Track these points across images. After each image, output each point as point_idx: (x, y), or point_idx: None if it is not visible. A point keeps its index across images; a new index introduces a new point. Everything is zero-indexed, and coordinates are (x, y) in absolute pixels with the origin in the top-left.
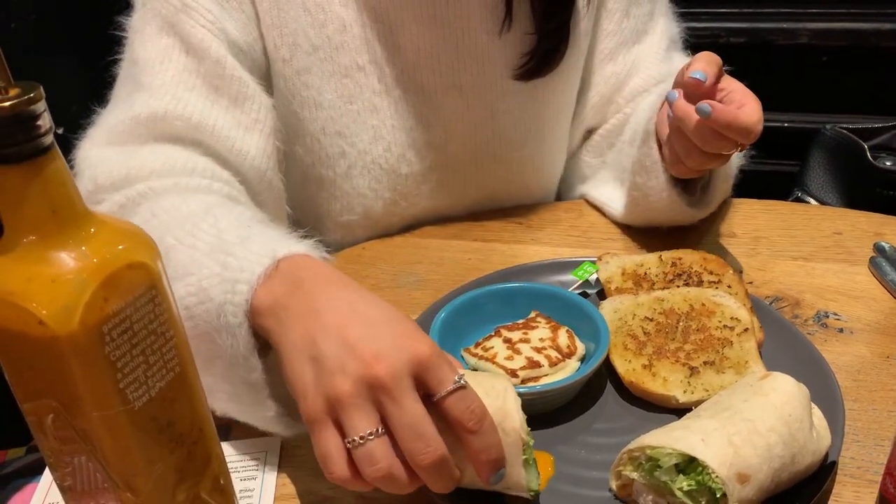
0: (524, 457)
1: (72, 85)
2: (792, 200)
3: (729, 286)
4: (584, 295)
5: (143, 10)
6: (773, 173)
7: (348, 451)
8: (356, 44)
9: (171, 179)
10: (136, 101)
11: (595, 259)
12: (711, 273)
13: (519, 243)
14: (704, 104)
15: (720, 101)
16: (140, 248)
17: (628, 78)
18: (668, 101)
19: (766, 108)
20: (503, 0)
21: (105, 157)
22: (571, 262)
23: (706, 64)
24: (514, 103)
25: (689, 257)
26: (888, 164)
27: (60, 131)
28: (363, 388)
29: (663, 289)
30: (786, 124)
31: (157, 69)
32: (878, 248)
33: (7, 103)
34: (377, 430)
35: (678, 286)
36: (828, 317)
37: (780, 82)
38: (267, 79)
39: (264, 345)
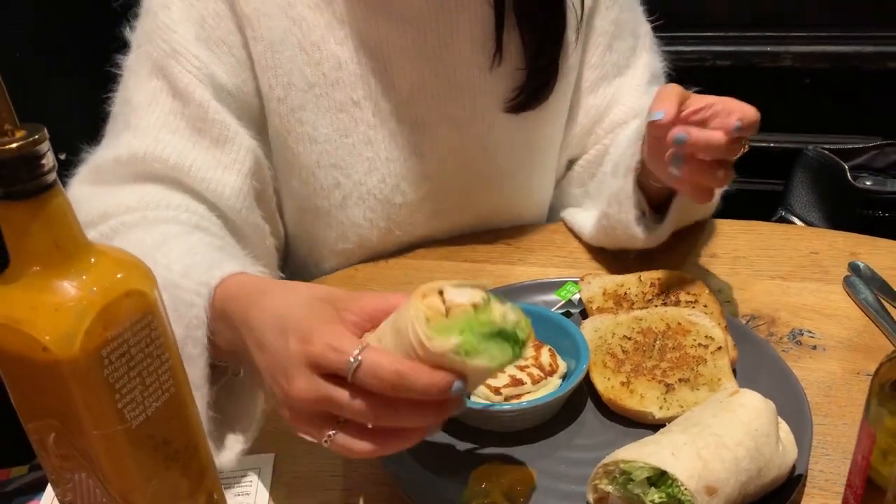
0: (461, 340)
1: (73, 106)
2: (776, 220)
3: (705, 305)
4: (568, 314)
5: (138, 52)
6: (759, 192)
7: None
8: (351, 80)
9: (141, 213)
10: (122, 141)
11: (578, 280)
12: (689, 293)
13: (508, 264)
14: (679, 133)
15: (707, 120)
16: (137, 276)
17: (608, 110)
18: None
19: None
20: (493, 36)
21: (87, 195)
22: (555, 283)
23: (661, 101)
24: (505, 134)
25: (668, 278)
26: (868, 183)
27: (63, 157)
28: (298, 409)
29: (642, 308)
30: (771, 144)
31: (144, 111)
32: (853, 268)
33: (14, 145)
34: (330, 434)
35: (656, 306)
36: (802, 334)
37: (764, 104)
38: (260, 118)
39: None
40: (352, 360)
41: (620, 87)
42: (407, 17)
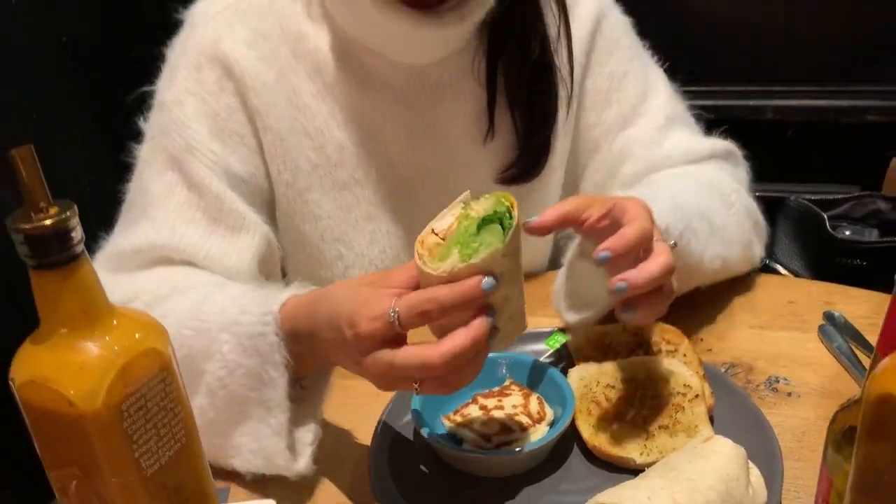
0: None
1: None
2: (761, 267)
3: (684, 355)
4: (557, 361)
5: (153, 143)
6: None
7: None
8: (353, 161)
9: (170, 284)
10: (139, 230)
11: (565, 329)
12: (669, 342)
13: None
14: (619, 283)
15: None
16: (154, 335)
17: (619, 165)
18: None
19: None
20: (486, 114)
21: (109, 282)
22: (544, 333)
23: (611, 241)
24: None
25: (650, 327)
26: (847, 233)
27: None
28: (381, 380)
29: (625, 357)
30: (757, 193)
31: (161, 202)
32: (828, 317)
33: (48, 221)
34: (416, 386)
35: (639, 355)
36: (778, 382)
37: (749, 155)
38: (270, 200)
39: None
40: (391, 313)
41: (629, 141)
42: (403, 100)
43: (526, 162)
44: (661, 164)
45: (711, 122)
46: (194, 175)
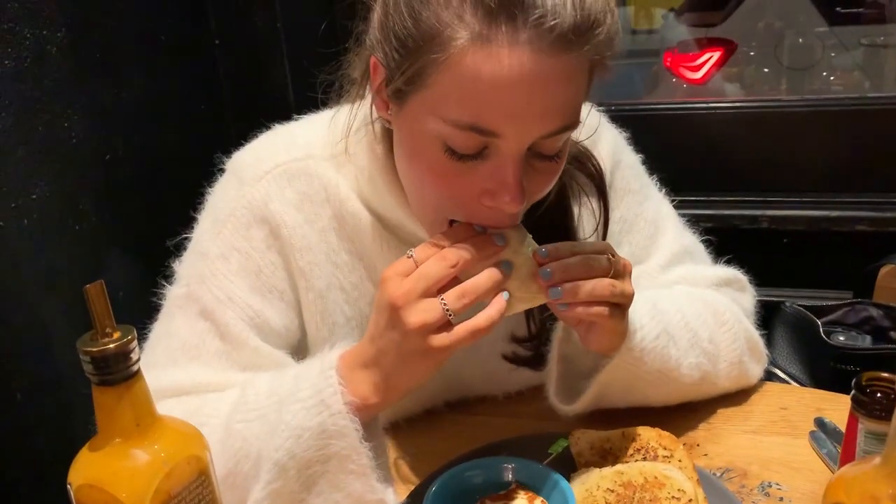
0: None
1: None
2: None
3: (679, 460)
4: (560, 466)
5: (188, 290)
6: None
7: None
8: None
9: (196, 401)
10: (167, 374)
11: (567, 435)
12: (665, 448)
13: (506, 416)
14: (556, 289)
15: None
16: (194, 443)
17: None
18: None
19: None
20: None
21: None
22: (548, 437)
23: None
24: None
25: (647, 433)
26: (841, 339)
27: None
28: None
29: (625, 462)
30: (755, 297)
31: (191, 351)
32: (818, 423)
33: (112, 345)
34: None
35: (637, 460)
36: (770, 486)
37: (746, 261)
38: (303, 350)
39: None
40: (408, 251)
41: (635, 274)
42: None
43: (538, 352)
44: (664, 288)
45: (708, 230)
46: (230, 327)
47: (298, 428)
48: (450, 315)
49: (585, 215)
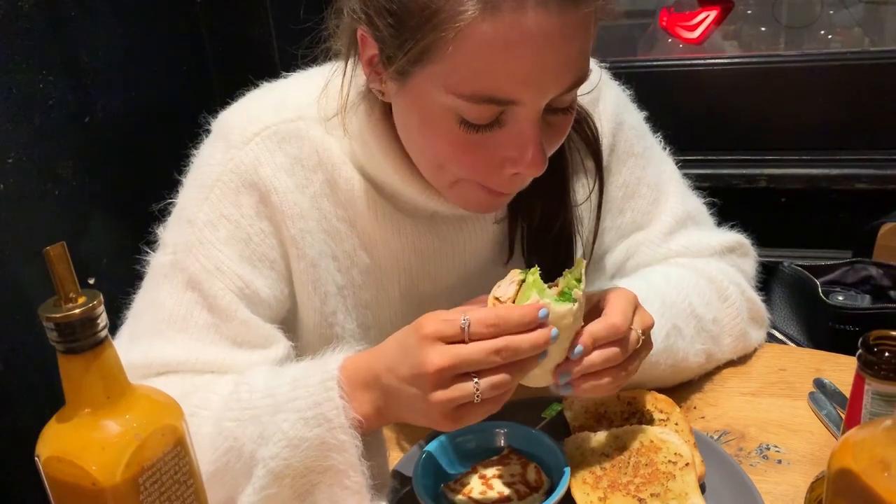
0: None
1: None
2: None
3: (676, 423)
4: (554, 430)
5: (174, 258)
6: None
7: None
8: (376, 282)
9: (188, 384)
10: (153, 347)
11: (561, 399)
12: (661, 411)
13: None
14: (563, 373)
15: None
16: (169, 412)
17: (627, 261)
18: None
19: None
20: (507, 240)
21: None
22: (542, 401)
23: (587, 336)
24: None
25: (643, 396)
26: (840, 298)
27: (91, 282)
28: (441, 382)
29: (620, 426)
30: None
31: (179, 323)
32: (818, 384)
33: (77, 310)
34: (476, 382)
35: (632, 423)
36: (769, 449)
37: (744, 221)
38: (292, 321)
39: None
40: (462, 320)
41: (638, 241)
42: (429, 228)
43: None
44: (666, 259)
45: (705, 190)
46: (219, 299)
47: (296, 438)
48: (477, 399)
49: (581, 179)
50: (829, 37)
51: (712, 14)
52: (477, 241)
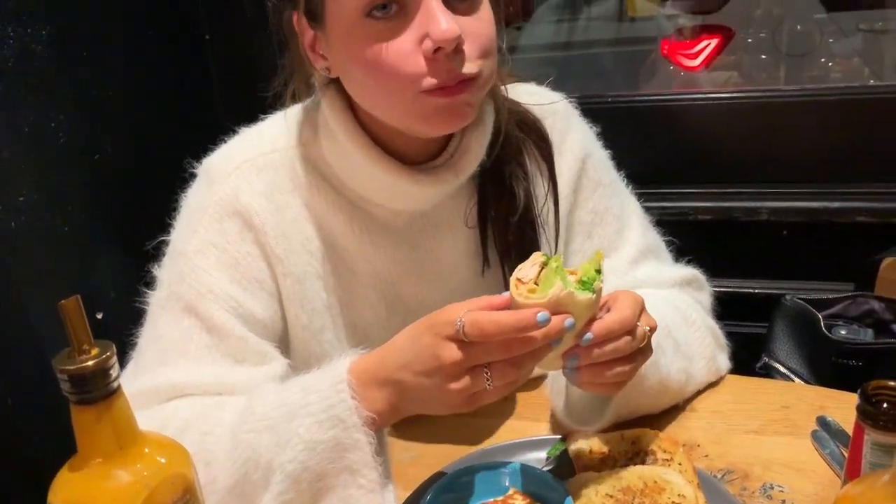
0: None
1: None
2: (760, 366)
3: (679, 463)
4: (559, 470)
5: (168, 291)
6: (747, 335)
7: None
8: (366, 302)
9: (198, 407)
10: (157, 374)
11: (566, 438)
12: (665, 451)
13: (502, 417)
14: (571, 357)
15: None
16: (179, 459)
17: None
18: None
19: (734, 276)
20: (480, 250)
21: None
22: (546, 441)
23: (599, 325)
24: None
25: (646, 436)
26: (843, 332)
27: (100, 316)
28: (455, 374)
29: (624, 466)
30: (756, 290)
31: (179, 348)
32: (821, 422)
33: (91, 362)
34: (487, 373)
35: (636, 463)
36: (772, 489)
37: (745, 253)
38: (285, 341)
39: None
40: (457, 322)
41: (605, 268)
42: (408, 240)
43: None
44: (631, 289)
45: (707, 223)
46: (215, 319)
47: (312, 441)
48: (488, 386)
49: (539, 183)
50: (829, 65)
51: (713, 42)
52: (453, 249)
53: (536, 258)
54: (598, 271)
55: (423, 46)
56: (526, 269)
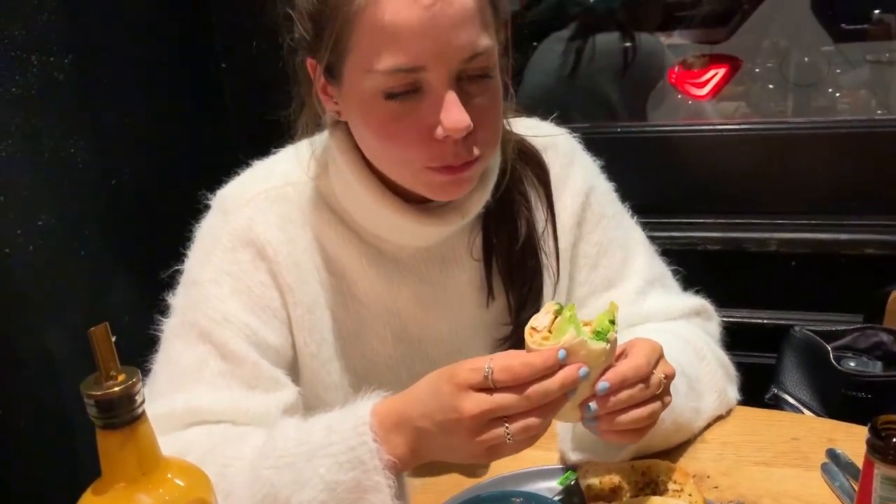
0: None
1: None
2: (769, 397)
3: (690, 494)
4: (569, 500)
5: (182, 318)
6: (756, 366)
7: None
8: (373, 333)
9: (217, 436)
10: (171, 399)
11: (577, 468)
12: (675, 482)
13: None
14: (589, 404)
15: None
16: (200, 485)
17: None
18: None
19: (743, 307)
20: (485, 283)
21: None
22: (557, 470)
23: (613, 373)
24: None
25: (657, 466)
26: (852, 364)
27: (114, 339)
28: (475, 427)
29: (634, 496)
30: (764, 321)
31: (193, 374)
32: (830, 455)
33: (117, 388)
34: (507, 427)
35: (646, 494)
36: None
37: (754, 284)
38: (295, 369)
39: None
40: (486, 368)
41: (611, 298)
42: (414, 273)
43: (519, 334)
44: (640, 321)
45: (716, 253)
46: (229, 346)
47: (333, 482)
48: (508, 439)
49: (539, 213)
50: (837, 95)
51: (721, 72)
52: (459, 281)
53: (550, 307)
54: (613, 322)
55: (435, 132)
56: (540, 318)
